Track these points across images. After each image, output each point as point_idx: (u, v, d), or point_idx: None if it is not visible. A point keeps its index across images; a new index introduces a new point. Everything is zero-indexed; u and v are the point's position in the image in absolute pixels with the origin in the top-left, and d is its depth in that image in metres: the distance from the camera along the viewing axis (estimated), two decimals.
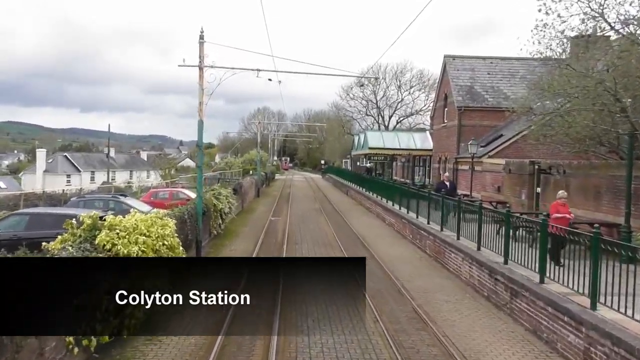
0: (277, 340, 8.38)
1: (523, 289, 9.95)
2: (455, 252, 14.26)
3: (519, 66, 29.54)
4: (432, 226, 17.62)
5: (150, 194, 26.17)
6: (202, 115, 14.55)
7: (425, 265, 15.53)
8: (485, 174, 23.51)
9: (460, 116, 27.48)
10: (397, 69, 63.99)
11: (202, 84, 14.54)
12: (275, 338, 8.28)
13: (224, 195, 19.62)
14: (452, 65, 29.50)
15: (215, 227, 18.58)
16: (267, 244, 18.22)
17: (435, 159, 32.33)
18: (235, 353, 8.30)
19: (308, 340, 8.62)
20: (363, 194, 34.83)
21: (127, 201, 18.94)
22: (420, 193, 20.36)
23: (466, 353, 8.53)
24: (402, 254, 17.23)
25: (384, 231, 22.55)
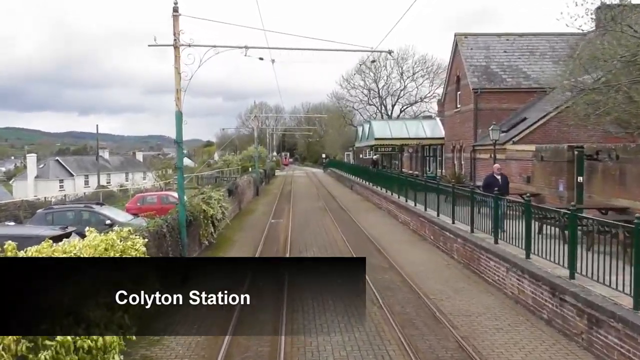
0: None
1: (610, 318, 7.37)
2: (495, 260, 11.69)
3: (537, 42, 26.88)
4: (459, 226, 15.04)
5: (136, 199, 23.63)
6: (180, 105, 11.95)
7: (456, 275, 12.94)
8: (510, 162, 20.89)
9: (476, 99, 24.82)
10: (399, 55, 61.15)
11: (178, 67, 11.94)
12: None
13: (216, 198, 17.04)
14: (465, 44, 26.80)
15: (207, 237, 16.01)
16: (268, 254, 15.65)
17: (447, 148, 29.71)
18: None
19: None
20: (370, 188, 32.24)
21: (103, 211, 16.39)
22: (442, 188, 17.76)
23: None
24: (426, 260, 14.65)
25: (398, 231, 19.98)
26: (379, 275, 12.85)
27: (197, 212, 14.52)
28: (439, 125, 34.25)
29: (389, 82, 62.06)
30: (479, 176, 24.64)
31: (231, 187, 23.75)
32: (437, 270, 13.49)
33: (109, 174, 74.26)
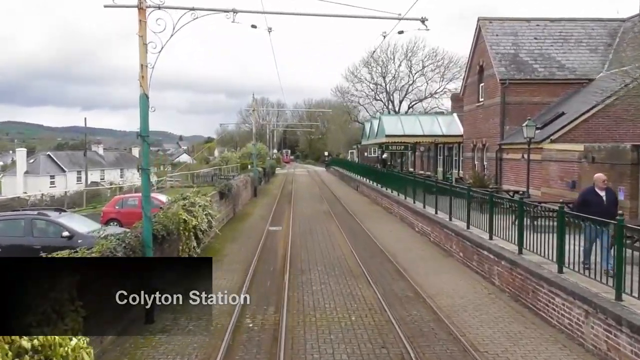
0: None
1: None
2: (563, 297, 8.71)
3: (571, 28, 23.84)
4: (498, 243, 12.08)
5: (114, 202, 20.67)
6: (145, 86, 8.97)
7: (506, 312, 9.94)
8: (548, 164, 17.91)
9: (503, 91, 21.79)
10: (408, 48, 57.94)
11: (144, 35, 8.95)
12: None
13: (201, 205, 14.05)
14: (489, 29, 23.75)
15: (189, 252, 13.01)
16: (261, 276, 12.69)
17: (467, 147, 26.69)
18: None
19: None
20: (379, 190, 29.24)
21: (62, 219, 13.40)
22: (473, 193, 14.77)
23: None
24: (460, 287, 11.66)
25: (417, 244, 16.98)
26: (405, 311, 9.90)
27: (173, 225, 11.54)
28: (456, 121, 31.18)
29: (397, 76, 58.86)
30: (506, 179, 21.67)
31: (223, 189, 20.74)
32: (479, 303, 10.50)
33: (103, 170, 71.40)
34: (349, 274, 12.90)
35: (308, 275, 12.69)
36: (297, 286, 11.69)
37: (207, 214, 14.21)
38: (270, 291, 11.34)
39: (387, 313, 9.68)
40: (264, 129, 77.11)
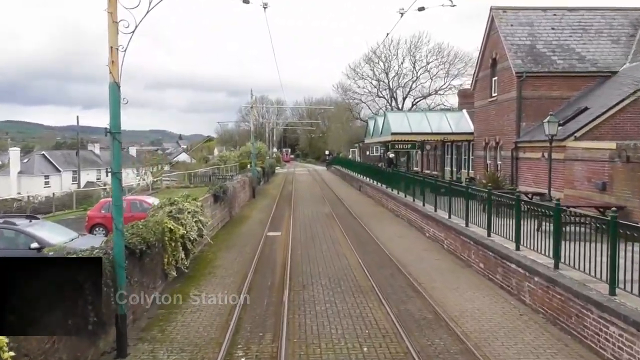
0: None
1: None
2: (621, 327, 7.19)
3: (591, 18, 22.28)
4: (530, 255, 10.54)
5: (100, 206, 19.19)
6: (116, 74, 7.45)
7: (545, 339, 8.39)
8: (572, 164, 16.37)
9: (520, 85, 20.22)
10: (412, 43, 56.27)
11: (113, 11, 7.44)
12: None
13: (190, 211, 12.52)
14: (503, 19, 22.17)
15: (176, 264, 11.49)
16: (258, 293, 11.15)
17: (478, 145, 25.11)
18: None
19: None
20: (383, 191, 27.70)
21: (32, 229, 11.86)
22: (499, 198, 13.21)
23: None
24: (486, 307, 10.12)
25: (431, 253, 15.42)
26: (426, 339, 8.37)
27: (155, 236, 9.99)
28: (466, 118, 29.56)
29: (400, 72, 57.18)
30: (523, 179, 20.13)
31: (218, 191, 19.19)
32: (510, 327, 8.97)
33: (99, 169, 69.86)
34: (357, 289, 11.38)
35: (310, 292, 11.16)
36: (299, 305, 10.17)
37: (197, 221, 12.71)
38: (267, 313, 9.81)
39: (405, 342, 8.16)
40: (263, 127, 75.56)
